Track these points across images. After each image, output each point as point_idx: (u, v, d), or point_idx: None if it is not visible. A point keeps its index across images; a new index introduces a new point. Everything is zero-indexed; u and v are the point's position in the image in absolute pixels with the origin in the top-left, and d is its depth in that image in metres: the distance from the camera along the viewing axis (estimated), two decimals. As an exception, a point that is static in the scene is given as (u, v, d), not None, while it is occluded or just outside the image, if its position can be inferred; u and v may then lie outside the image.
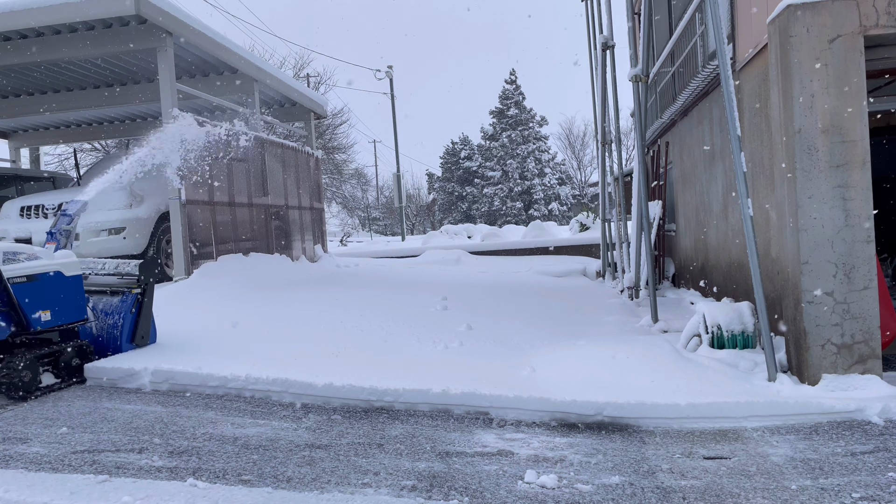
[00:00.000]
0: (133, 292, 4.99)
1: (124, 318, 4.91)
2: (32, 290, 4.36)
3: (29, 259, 4.52)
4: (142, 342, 4.98)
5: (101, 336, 4.93)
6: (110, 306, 4.98)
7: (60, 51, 8.69)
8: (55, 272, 4.56)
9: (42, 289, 4.43)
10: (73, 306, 4.64)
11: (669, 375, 3.83)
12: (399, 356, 4.61)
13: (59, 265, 4.63)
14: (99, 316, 4.98)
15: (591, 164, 46.96)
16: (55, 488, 2.66)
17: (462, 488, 2.75)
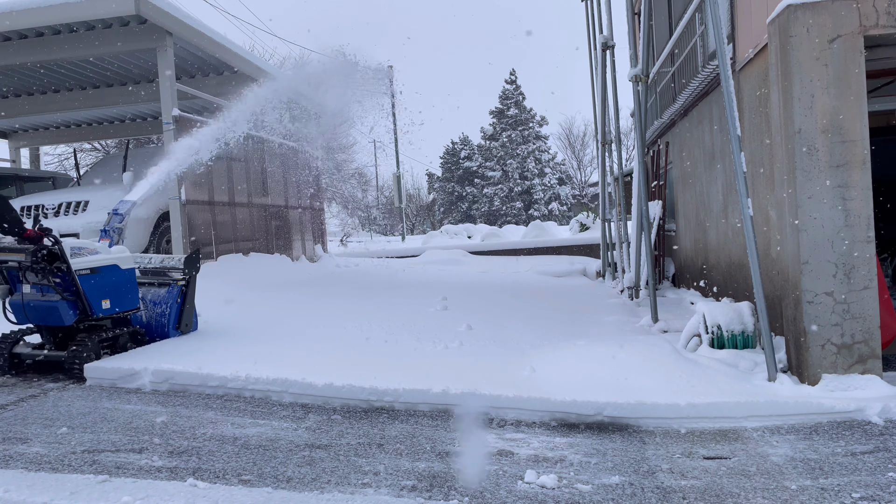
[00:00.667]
0: (178, 284, 5.46)
1: (171, 307, 5.38)
2: (95, 281, 4.79)
3: (90, 254, 4.90)
4: (186, 329, 5.45)
5: (150, 323, 5.37)
6: (158, 297, 5.44)
7: (61, 51, 8.69)
8: (113, 265, 4.99)
9: (102, 280, 4.86)
10: (128, 296, 5.09)
11: (669, 375, 3.83)
12: (399, 356, 4.61)
13: (116, 259, 5.06)
14: (148, 305, 5.41)
15: (591, 164, 46.96)
16: (55, 488, 2.66)
17: (462, 488, 2.75)
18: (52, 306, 4.63)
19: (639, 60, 6.53)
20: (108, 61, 10.01)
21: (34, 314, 4.71)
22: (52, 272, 4.59)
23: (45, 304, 4.65)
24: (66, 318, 4.66)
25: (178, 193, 8.44)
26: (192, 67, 10.90)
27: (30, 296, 4.68)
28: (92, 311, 4.75)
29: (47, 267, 4.56)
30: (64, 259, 4.61)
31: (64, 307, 4.63)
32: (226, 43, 10.06)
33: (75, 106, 11.62)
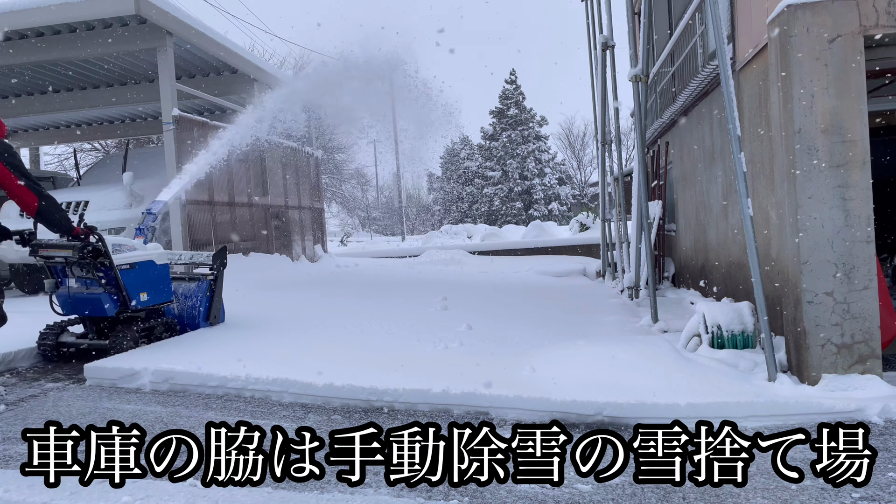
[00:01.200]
0: (207, 279, 5.84)
1: (200, 300, 5.76)
2: (134, 276, 5.17)
3: (129, 250, 5.25)
4: (214, 321, 5.80)
5: (182, 315, 5.76)
6: (189, 290, 5.82)
7: (61, 51, 8.70)
8: (149, 261, 5.36)
9: (140, 274, 5.23)
10: (162, 289, 5.47)
11: (669, 375, 3.83)
12: (399, 356, 4.61)
13: (152, 255, 5.43)
14: (180, 299, 5.78)
15: (591, 164, 46.98)
16: (55, 488, 2.66)
17: (462, 488, 2.75)
18: (96, 298, 4.98)
19: (639, 60, 6.53)
20: (108, 61, 10.01)
21: (79, 306, 5.07)
22: (95, 267, 4.94)
23: (89, 296, 5.00)
24: (109, 310, 5.00)
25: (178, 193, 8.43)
26: (192, 67, 10.91)
27: (75, 289, 5.05)
28: (131, 303, 5.11)
29: (92, 262, 4.90)
30: (107, 255, 4.95)
31: (107, 299, 4.99)
32: (226, 43, 10.06)
33: (75, 106, 11.62)
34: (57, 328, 5.31)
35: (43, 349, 5.25)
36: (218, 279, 5.82)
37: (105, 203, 8.59)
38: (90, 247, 4.87)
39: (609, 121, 9.39)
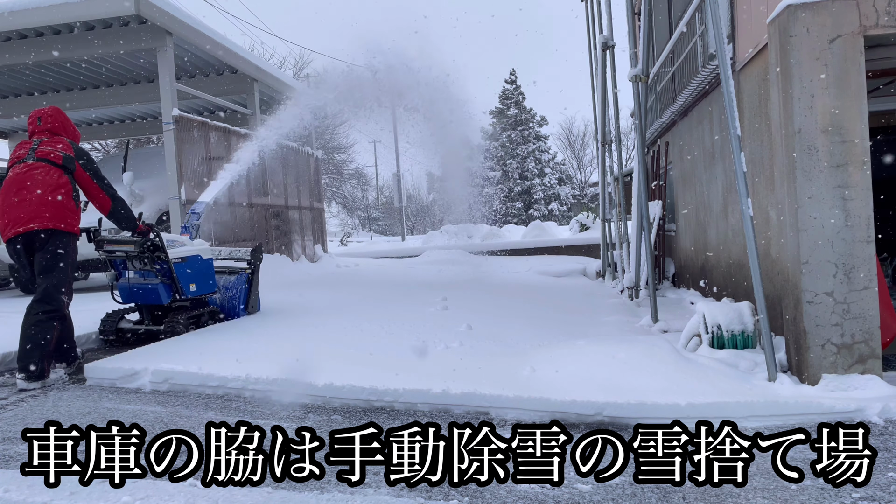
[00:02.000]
0: (245, 272, 6.47)
1: (240, 291, 6.39)
2: (184, 269, 5.72)
3: (180, 246, 5.78)
4: (252, 310, 6.46)
5: (223, 305, 6.34)
6: (229, 282, 6.44)
7: (61, 51, 8.70)
8: (197, 255, 5.94)
9: (190, 267, 5.80)
10: (208, 281, 6.05)
11: (669, 375, 3.83)
12: (399, 356, 4.62)
13: (199, 250, 6.01)
14: (221, 290, 6.36)
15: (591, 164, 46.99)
16: (55, 488, 2.66)
17: (462, 488, 2.75)
18: (153, 288, 5.56)
19: (639, 60, 6.53)
20: (107, 61, 10.01)
21: (137, 295, 5.66)
22: (153, 260, 5.51)
23: (146, 286, 5.59)
24: (164, 299, 5.58)
25: (178, 193, 8.44)
26: (192, 67, 10.91)
27: (134, 280, 5.65)
28: (182, 293, 5.67)
29: (150, 256, 5.48)
30: (163, 249, 5.51)
31: (162, 289, 5.56)
32: (226, 43, 10.06)
33: (75, 106, 11.63)
34: (115, 316, 5.86)
35: (104, 335, 5.80)
36: (255, 272, 6.46)
37: (105, 203, 8.58)
38: (149, 242, 5.43)
39: (609, 121, 9.39)
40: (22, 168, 4.60)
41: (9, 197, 4.53)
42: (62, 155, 4.68)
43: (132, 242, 5.41)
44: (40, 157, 4.64)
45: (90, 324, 6.07)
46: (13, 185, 4.55)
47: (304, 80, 28.36)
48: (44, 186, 4.52)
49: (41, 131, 4.83)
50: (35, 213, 4.47)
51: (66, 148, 4.75)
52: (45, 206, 4.49)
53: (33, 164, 4.61)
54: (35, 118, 4.87)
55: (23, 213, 4.47)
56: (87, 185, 4.84)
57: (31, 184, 4.52)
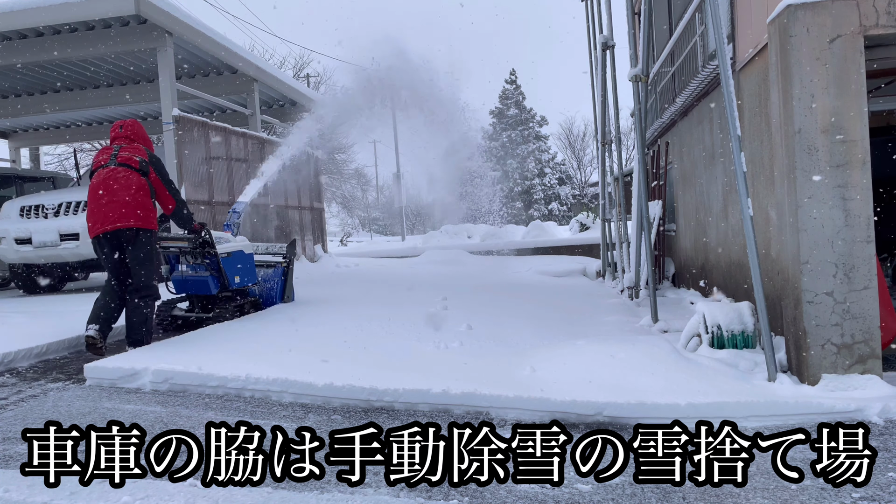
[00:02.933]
0: (281, 265, 7.17)
1: (277, 283, 7.07)
2: (230, 262, 6.28)
3: (226, 242, 6.36)
4: (287, 300, 7.14)
5: (262, 295, 6.98)
6: (267, 275, 7.10)
7: (60, 51, 8.70)
8: (240, 250, 6.52)
9: (234, 261, 6.36)
10: (250, 274, 6.65)
11: (669, 375, 3.83)
12: (399, 356, 4.62)
13: (242, 246, 6.61)
14: (260, 282, 6.99)
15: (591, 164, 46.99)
16: (55, 488, 2.66)
17: (462, 488, 2.75)
18: (204, 280, 6.13)
19: (639, 60, 6.52)
20: (108, 61, 10.01)
21: (189, 286, 6.23)
22: (204, 255, 6.08)
23: (198, 278, 6.15)
24: (213, 289, 6.16)
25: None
26: (192, 67, 10.91)
27: (187, 273, 6.22)
28: (229, 284, 6.23)
29: (202, 251, 6.03)
30: (213, 245, 6.04)
31: (212, 281, 6.12)
32: (225, 43, 10.06)
33: (75, 106, 11.63)
34: (169, 304, 6.38)
35: (160, 321, 6.19)
36: (290, 266, 7.16)
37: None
38: (202, 239, 5.96)
39: (609, 121, 9.38)
40: (106, 172, 5.13)
41: (97, 198, 5.07)
42: (139, 160, 5.23)
43: (187, 239, 5.95)
44: (121, 161, 5.17)
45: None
46: (99, 187, 5.08)
47: (304, 79, 28.34)
48: (126, 189, 5.08)
49: (121, 138, 5.39)
50: (121, 213, 5.04)
51: (142, 154, 5.31)
52: (129, 208, 5.06)
53: (115, 168, 5.15)
54: (116, 127, 5.45)
55: (111, 212, 5.03)
56: (158, 187, 5.35)
57: (117, 186, 5.06)
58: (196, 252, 6.05)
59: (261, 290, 6.99)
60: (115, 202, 5.03)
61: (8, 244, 8.76)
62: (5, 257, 8.92)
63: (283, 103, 13.85)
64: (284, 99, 13.39)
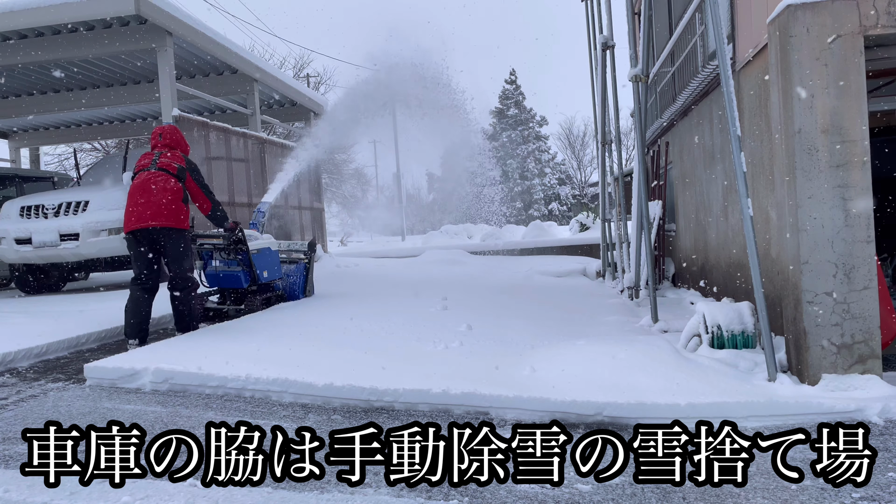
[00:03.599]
0: (302, 262, 7.73)
1: (299, 278, 7.59)
2: (259, 258, 6.76)
3: (255, 240, 6.84)
4: (308, 294, 7.70)
5: (286, 289, 7.51)
6: (290, 271, 7.60)
7: (60, 51, 8.70)
8: (267, 247, 7.04)
9: (263, 257, 6.85)
10: (276, 269, 7.18)
11: (669, 375, 3.83)
12: (399, 356, 4.61)
13: (268, 243, 7.12)
14: (284, 277, 7.48)
15: (591, 164, 46.99)
16: (55, 488, 2.66)
17: (462, 488, 2.75)
18: (236, 275, 6.61)
19: (639, 60, 6.52)
20: (108, 61, 10.01)
21: (221, 280, 6.69)
22: (236, 252, 6.54)
23: (230, 273, 6.63)
24: (243, 283, 6.65)
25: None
26: (192, 67, 10.90)
27: (220, 268, 6.67)
28: (258, 278, 6.72)
29: (235, 248, 6.50)
30: (245, 243, 6.52)
31: (243, 275, 6.62)
32: (225, 43, 10.06)
33: (75, 106, 11.62)
34: (201, 298, 6.61)
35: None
36: (310, 263, 7.71)
37: (105, 203, 8.58)
38: (235, 237, 6.43)
39: (609, 121, 9.39)
40: (146, 175, 5.62)
41: (136, 198, 5.54)
42: (177, 166, 5.73)
43: (222, 237, 6.42)
44: (161, 167, 5.67)
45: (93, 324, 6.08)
46: (139, 188, 5.56)
47: (304, 79, 28.34)
48: (163, 192, 5.54)
49: (162, 145, 5.88)
50: (156, 213, 5.49)
51: (180, 160, 5.81)
52: (164, 208, 5.52)
53: (155, 172, 5.64)
54: (157, 134, 5.94)
55: (147, 211, 5.48)
56: (194, 191, 5.87)
57: (155, 189, 5.53)
58: (229, 249, 6.53)
59: (285, 285, 7.48)
60: (152, 203, 5.49)
61: (8, 244, 8.76)
62: (5, 257, 8.92)
63: (283, 103, 13.84)
64: (284, 99, 13.39)
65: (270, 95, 12.99)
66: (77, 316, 6.57)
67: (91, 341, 5.90)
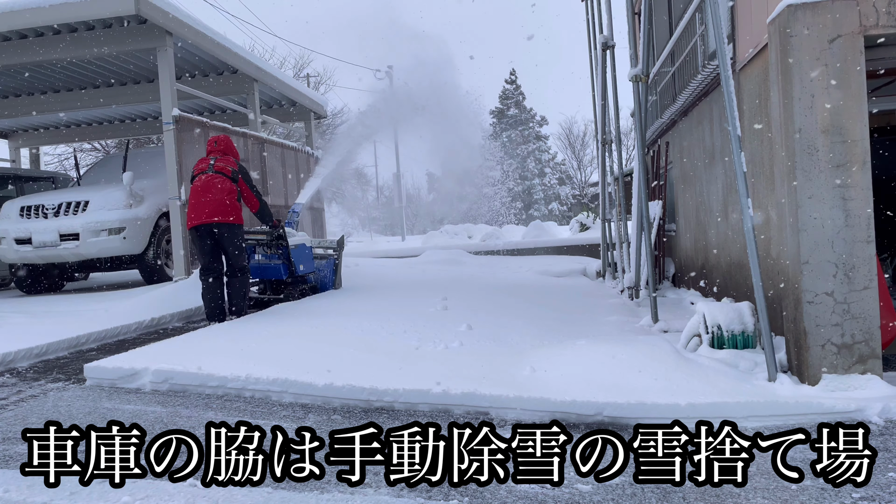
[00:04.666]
0: (332, 258, 8.44)
1: (329, 272, 8.35)
2: (297, 253, 7.54)
3: (291, 236, 7.50)
4: (337, 287, 8.42)
5: (317, 283, 8.18)
6: (321, 265, 8.31)
7: (61, 51, 8.69)
8: (303, 243, 7.79)
9: (299, 252, 7.60)
10: (309, 264, 7.91)
11: (669, 375, 3.83)
12: (399, 356, 4.61)
13: (303, 239, 7.90)
14: (315, 272, 8.18)
15: (591, 164, 46.98)
16: (55, 488, 2.66)
17: (462, 488, 2.75)
18: (277, 267, 7.45)
19: (639, 60, 6.52)
20: (107, 61, 10.00)
21: (263, 271, 7.52)
22: (277, 246, 7.37)
23: (271, 265, 7.46)
24: (283, 274, 7.47)
25: (178, 193, 8.44)
26: (192, 67, 10.90)
27: (262, 261, 7.43)
28: (295, 271, 7.50)
29: (277, 243, 7.34)
30: (285, 239, 7.31)
31: (283, 268, 7.44)
32: (226, 43, 10.05)
33: (75, 106, 11.61)
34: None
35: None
36: (339, 258, 8.48)
37: (105, 203, 8.58)
38: (277, 233, 7.21)
39: (609, 121, 9.38)
40: (206, 178, 6.43)
41: (198, 197, 6.35)
42: (231, 170, 6.55)
43: (266, 233, 7.23)
44: (217, 170, 6.48)
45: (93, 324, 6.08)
46: (200, 189, 6.37)
47: (304, 79, 28.34)
48: (222, 192, 6.36)
49: (216, 151, 6.70)
50: (215, 210, 6.31)
51: (233, 165, 6.62)
52: (223, 206, 6.34)
53: (213, 175, 6.44)
54: (212, 142, 6.79)
55: (207, 209, 6.30)
56: (245, 191, 6.68)
57: (214, 190, 6.34)
58: (272, 243, 7.34)
59: (316, 278, 8.15)
60: (213, 201, 6.31)
61: (8, 244, 8.76)
62: (5, 257, 8.92)
63: (283, 103, 13.84)
64: (284, 99, 13.38)
65: (270, 95, 12.99)
66: (77, 316, 6.57)
67: (91, 341, 5.90)
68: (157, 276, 8.87)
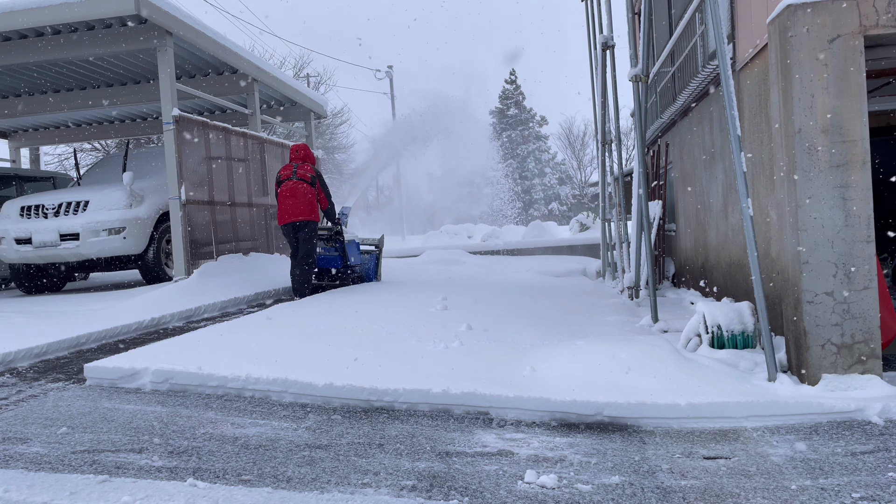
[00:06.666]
0: (374, 253, 9.79)
1: (373, 265, 9.72)
2: (349, 246, 8.93)
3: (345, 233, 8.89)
4: (378, 278, 9.77)
5: (362, 273, 9.41)
6: (365, 259, 9.56)
7: (61, 51, 8.69)
8: (352, 239, 9.12)
9: (351, 247, 9.00)
10: (358, 256, 9.25)
11: (669, 375, 3.83)
12: (399, 356, 4.61)
13: (353, 236, 9.20)
14: (360, 264, 9.36)
15: (591, 164, 46.97)
16: (55, 488, 2.66)
17: (462, 488, 2.75)
18: (333, 258, 8.92)
19: (639, 60, 6.52)
20: (108, 61, 10.00)
21: (323, 262, 8.85)
22: (336, 241, 8.87)
23: (330, 256, 8.90)
24: (339, 263, 8.92)
25: (178, 193, 8.44)
26: (192, 67, 10.90)
27: (322, 252, 8.80)
28: (348, 262, 8.91)
29: (335, 237, 8.83)
30: (342, 234, 8.78)
31: (338, 258, 8.91)
32: (226, 43, 10.05)
33: (75, 106, 11.60)
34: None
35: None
36: (380, 254, 9.83)
37: (105, 203, 8.58)
38: (337, 229, 8.73)
39: (609, 121, 9.38)
40: (291, 183, 7.87)
41: (285, 200, 7.85)
42: (310, 176, 7.97)
43: (329, 229, 8.75)
44: (299, 177, 7.91)
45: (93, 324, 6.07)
46: (287, 193, 7.84)
47: (304, 79, 28.33)
48: (303, 195, 7.84)
49: (297, 158, 8.11)
50: (300, 210, 7.80)
51: (311, 171, 8.02)
52: (305, 207, 7.82)
53: (297, 181, 7.88)
54: (294, 150, 8.17)
55: (294, 209, 7.79)
56: (319, 193, 8.05)
57: (299, 193, 7.81)
58: (331, 238, 8.80)
59: (361, 270, 9.33)
60: (298, 203, 7.78)
61: (8, 244, 8.76)
62: (5, 257, 8.92)
63: (283, 103, 13.84)
64: (285, 99, 13.38)
65: (270, 95, 12.98)
66: (77, 316, 6.57)
67: (91, 341, 5.89)
68: (157, 276, 8.88)
